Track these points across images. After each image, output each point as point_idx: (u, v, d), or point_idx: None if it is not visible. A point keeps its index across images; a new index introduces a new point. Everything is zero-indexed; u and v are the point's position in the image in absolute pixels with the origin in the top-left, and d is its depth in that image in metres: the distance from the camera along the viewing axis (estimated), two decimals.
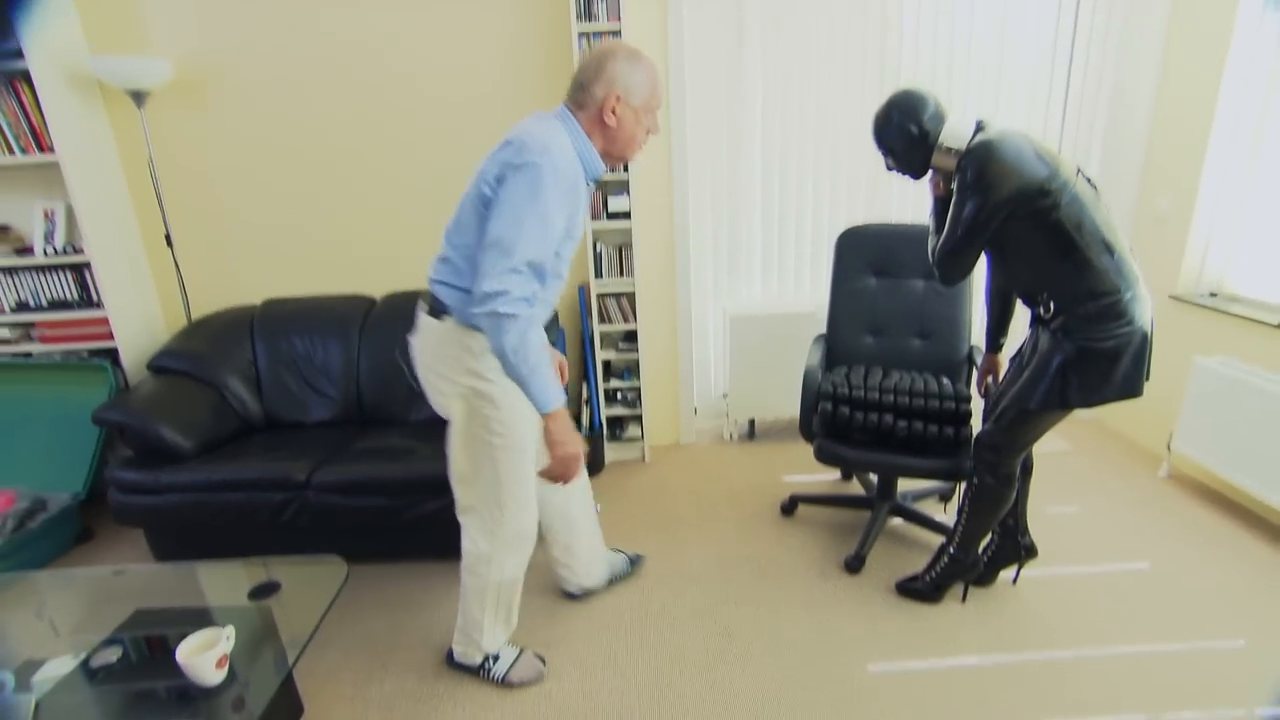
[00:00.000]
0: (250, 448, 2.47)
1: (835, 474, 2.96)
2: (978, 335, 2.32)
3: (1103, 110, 3.06)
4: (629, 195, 2.79)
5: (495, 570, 1.73)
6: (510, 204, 1.40)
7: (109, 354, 2.78)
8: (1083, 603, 2.08)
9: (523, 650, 1.89)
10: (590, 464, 2.63)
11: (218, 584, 1.82)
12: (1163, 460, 2.82)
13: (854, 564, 2.27)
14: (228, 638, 1.38)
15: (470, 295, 1.45)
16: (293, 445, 2.47)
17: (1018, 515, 2.06)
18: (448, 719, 1.76)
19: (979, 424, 2.01)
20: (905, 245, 2.48)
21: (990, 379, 2.17)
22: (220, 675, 1.35)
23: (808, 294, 3.29)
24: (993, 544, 2.11)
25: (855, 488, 2.83)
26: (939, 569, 2.07)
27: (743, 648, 1.97)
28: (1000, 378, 2.11)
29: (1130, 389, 1.70)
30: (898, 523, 2.52)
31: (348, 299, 2.88)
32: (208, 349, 2.68)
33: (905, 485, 2.56)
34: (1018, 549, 2.10)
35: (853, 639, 1.98)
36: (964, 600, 2.10)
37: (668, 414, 3.33)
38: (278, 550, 1.94)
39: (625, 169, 2.73)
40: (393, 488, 2.23)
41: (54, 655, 1.47)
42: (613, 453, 3.21)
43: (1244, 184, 2.62)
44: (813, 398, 2.26)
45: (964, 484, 2.00)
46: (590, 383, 3.04)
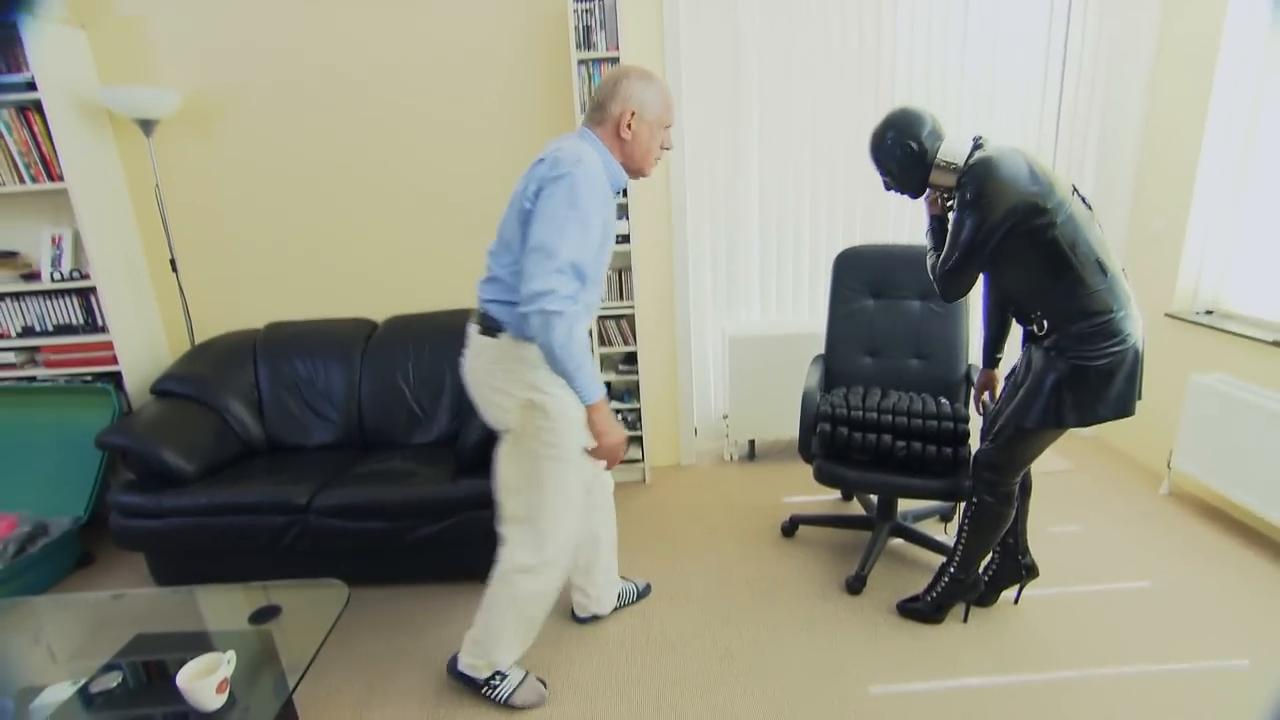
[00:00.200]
0: (252, 471, 2.48)
1: (835, 494, 2.96)
2: (975, 355, 2.33)
3: (1095, 128, 3.11)
4: (628, 219, 2.82)
5: (531, 582, 1.76)
6: (550, 211, 1.48)
7: (113, 378, 2.81)
8: (1085, 622, 2.07)
9: (527, 673, 1.88)
10: None
11: (218, 608, 1.81)
12: (1163, 478, 2.82)
13: (855, 584, 2.26)
14: (228, 662, 1.38)
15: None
16: (294, 468, 2.47)
17: (1018, 535, 2.06)
18: None
19: (978, 443, 2.02)
20: (902, 266, 2.51)
21: (987, 395, 2.18)
22: (221, 700, 1.34)
23: (806, 315, 3.32)
24: (993, 564, 2.10)
25: (855, 508, 2.83)
26: (940, 589, 2.07)
27: (744, 669, 1.96)
28: (997, 394, 2.13)
29: (1123, 408, 1.71)
30: (898, 543, 2.52)
31: (349, 322, 2.90)
32: (210, 372, 2.70)
33: (905, 505, 2.56)
34: (1018, 569, 2.09)
35: (854, 660, 1.97)
36: (965, 620, 2.10)
37: (668, 435, 3.34)
38: (279, 574, 1.95)
39: (624, 194, 2.77)
40: (394, 511, 2.24)
41: (53, 681, 1.46)
42: (614, 474, 3.21)
43: (1236, 201, 2.66)
44: (811, 418, 2.27)
45: (964, 504, 2.00)
46: None
